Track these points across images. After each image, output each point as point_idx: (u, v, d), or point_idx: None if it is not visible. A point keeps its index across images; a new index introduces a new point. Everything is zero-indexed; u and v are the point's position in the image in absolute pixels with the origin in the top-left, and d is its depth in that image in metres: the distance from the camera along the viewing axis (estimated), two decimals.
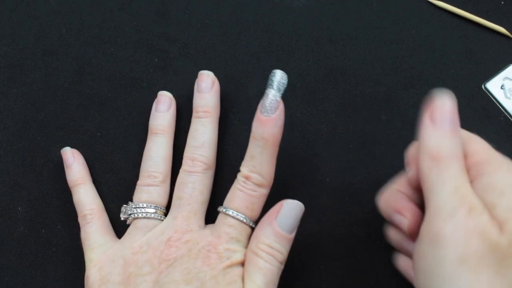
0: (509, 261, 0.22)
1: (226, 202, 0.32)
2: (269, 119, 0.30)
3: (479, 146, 0.27)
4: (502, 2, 0.40)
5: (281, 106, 0.31)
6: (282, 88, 0.31)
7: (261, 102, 0.31)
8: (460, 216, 0.23)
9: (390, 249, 0.33)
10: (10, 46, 0.40)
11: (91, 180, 0.36)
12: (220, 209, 0.31)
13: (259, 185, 0.31)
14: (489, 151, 0.27)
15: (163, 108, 0.36)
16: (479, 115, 0.37)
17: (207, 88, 0.35)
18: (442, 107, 0.26)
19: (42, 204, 0.36)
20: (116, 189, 0.36)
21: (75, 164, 0.36)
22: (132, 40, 0.39)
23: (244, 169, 0.31)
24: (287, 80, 0.31)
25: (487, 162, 0.26)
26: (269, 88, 0.31)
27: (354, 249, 0.34)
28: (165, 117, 0.36)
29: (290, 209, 0.31)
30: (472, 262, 0.22)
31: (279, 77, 0.31)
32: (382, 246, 0.34)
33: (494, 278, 0.22)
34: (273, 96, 0.30)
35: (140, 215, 0.32)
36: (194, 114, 0.35)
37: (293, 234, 0.31)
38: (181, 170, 0.33)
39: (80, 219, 0.34)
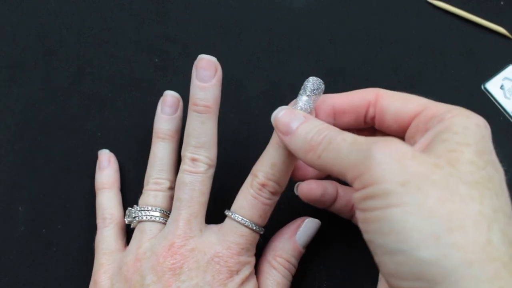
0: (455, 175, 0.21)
1: (238, 208, 0.30)
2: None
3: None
4: (502, 2, 0.40)
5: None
6: (315, 96, 0.29)
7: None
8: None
9: None
10: (11, 46, 0.40)
11: (119, 187, 0.35)
12: (230, 214, 0.30)
13: (274, 194, 0.30)
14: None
15: (170, 111, 0.34)
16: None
17: (208, 77, 0.31)
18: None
19: (42, 204, 0.36)
20: None
21: (108, 169, 0.35)
22: (132, 40, 0.39)
23: (261, 175, 0.29)
24: (322, 87, 0.29)
25: (446, 111, 0.26)
26: (301, 94, 0.29)
27: (355, 249, 0.34)
28: (172, 121, 0.34)
29: (310, 227, 0.32)
30: (414, 183, 0.21)
31: (315, 84, 0.29)
32: None
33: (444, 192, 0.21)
34: (303, 103, 0.29)
35: (145, 218, 0.32)
36: (192, 107, 0.31)
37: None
38: (180, 170, 0.31)
39: (99, 221, 0.34)
